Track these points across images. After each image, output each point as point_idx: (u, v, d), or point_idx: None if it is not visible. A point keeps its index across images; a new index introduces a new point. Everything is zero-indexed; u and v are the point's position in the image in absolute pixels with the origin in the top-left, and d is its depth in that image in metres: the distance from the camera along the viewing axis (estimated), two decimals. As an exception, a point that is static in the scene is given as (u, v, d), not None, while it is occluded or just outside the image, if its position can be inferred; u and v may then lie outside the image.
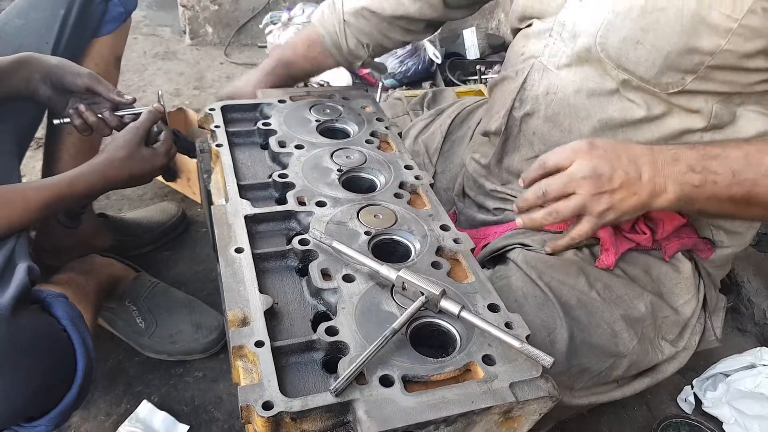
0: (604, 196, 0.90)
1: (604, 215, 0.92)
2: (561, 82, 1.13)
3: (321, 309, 0.82)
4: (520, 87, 1.21)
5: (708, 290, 1.21)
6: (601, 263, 1.10)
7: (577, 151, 0.91)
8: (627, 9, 0.99)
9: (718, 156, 0.88)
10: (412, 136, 1.52)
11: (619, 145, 0.92)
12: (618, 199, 0.90)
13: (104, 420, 1.34)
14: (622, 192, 0.90)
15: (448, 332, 0.79)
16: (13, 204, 1.05)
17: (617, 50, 1.02)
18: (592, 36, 1.05)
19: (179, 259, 1.76)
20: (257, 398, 0.66)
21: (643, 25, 0.98)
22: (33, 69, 1.19)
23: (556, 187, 0.93)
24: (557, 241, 1.03)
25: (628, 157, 0.90)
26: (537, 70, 1.18)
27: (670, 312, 1.13)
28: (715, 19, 0.92)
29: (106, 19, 1.39)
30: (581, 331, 1.05)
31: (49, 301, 1.07)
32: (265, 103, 1.23)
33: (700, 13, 0.93)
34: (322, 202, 0.97)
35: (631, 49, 1.00)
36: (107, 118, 1.25)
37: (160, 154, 1.22)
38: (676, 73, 0.99)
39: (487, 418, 0.70)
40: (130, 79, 2.65)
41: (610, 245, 1.09)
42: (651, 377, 1.16)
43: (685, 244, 1.15)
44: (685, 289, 1.15)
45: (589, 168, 0.89)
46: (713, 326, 1.21)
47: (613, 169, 0.89)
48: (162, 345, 1.45)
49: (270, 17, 2.89)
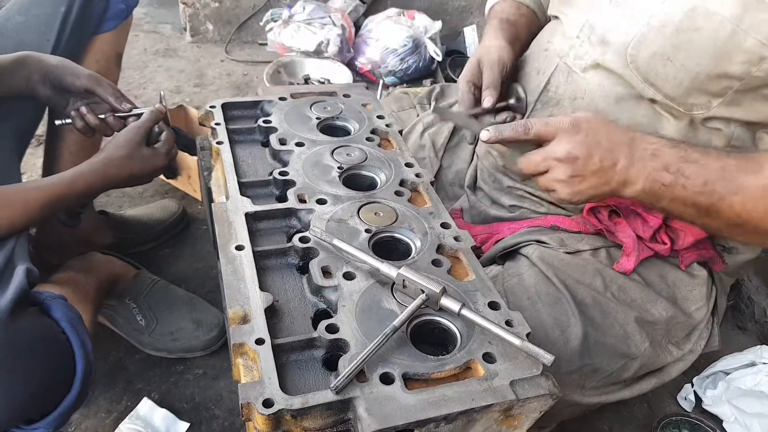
0: (575, 180, 0.91)
1: (572, 196, 0.93)
2: (588, 86, 1.10)
3: (321, 306, 0.82)
4: (543, 88, 1.17)
5: (719, 297, 1.20)
6: (620, 266, 1.10)
7: (560, 128, 0.91)
8: (662, 24, 0.96)
9: (696, 162, 0.88)
10: (419, 131, 1.50)
11: (601, 128, 0.91)
12: (588, 185, 0.91)
13: (104, 417, 1.34)
14: (593, 179, 0.90)
15: (449, 330, 0.79)
16: (14, 204, 1.05)
17: (646, 64, 0.99)
18: (623, 46, 1.01)
19: (180, 257, 1.76)
20: (258, 396, 0.66)
21: (675, 43, 0.95)
22: (32, 69, 1.19)
23: (533, 166, 0.94)
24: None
25: (606, 145, 0.89)
26: (561, 72, 1.14)
27: (683, 317, 1.13)
28: (750, 45, 0.89)
29: (108, 16, 1.38)
30: (595, 330, 1.04)
31: (47, 303, 1.07)
32: (266, 101, 1.23)
33: (735, 38, 0.90)
34: (322, 199, 0.97)
35: (660, 66, 0.98)
36: (110, 122, 1.25)
37: (160, 154, 1.22)
38: (703, 95, 0.97)
39: (488, 416, 0.70)
40: (130, 77, 2.65)
41: (632, 251, 1.08)
42: (657, 378, 1.16)
43: (702, 255, 1.15)
44: (698, 295, 1.14)
45: (566, 150, 0.89)
46: (719, 331, 1.21)
47: (588, 155, 0.89)
48: (162, 342, 1.45)
49: (271, 14, 2.89)
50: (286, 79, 2.67)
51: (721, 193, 0.85)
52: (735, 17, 0.89)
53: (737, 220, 0.87)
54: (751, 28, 0.88)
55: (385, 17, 2.84)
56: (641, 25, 0.99)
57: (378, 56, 2.73)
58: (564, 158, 0.90)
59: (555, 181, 0.93)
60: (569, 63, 1.13)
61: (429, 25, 2.85)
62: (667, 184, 0.88)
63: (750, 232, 0.89)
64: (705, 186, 0.86)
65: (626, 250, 1.09)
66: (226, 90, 2.66)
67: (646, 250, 1.11)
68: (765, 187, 0.83)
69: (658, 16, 0.96)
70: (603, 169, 0.89)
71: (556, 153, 0.90)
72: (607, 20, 1.05)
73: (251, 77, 2.78)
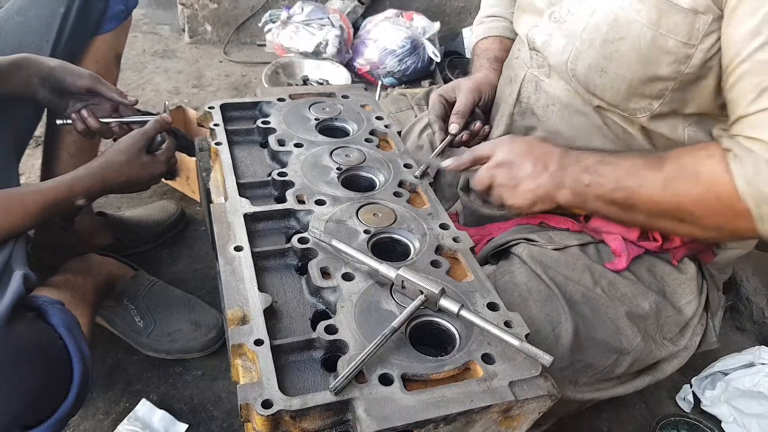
0: (513, 184, 1.01)
1: (515, 200, 1.02)
2: (556, 92, 1.15)
3: (320, 307, 0.82)
4: (516, 98, 1.23)
5: (711, 291, 1.21)
6: (612, 266, 1.11)
7: (498, 143, 1.04)
8: (591, 37, 1.01)
9: (611, 163, 0.96)
10: (417, 132, 1.51)
11: (535, 141, 1.03)
12: (525, 188, 1.00)
13: (103, 419, 1.34)
14: (528, 181, 0.99)
15: (448, 331, 0.79)
16: (13, 209, 1.05)
17: (584, 77, 1.05)
18: (563, 63, 1.08)
19: (178, 258, 1.76)
20: (257, 396, 0.66)
21: (605, 54, 1.00)
22: (32, 71, 1.19)
23: (481, 180, 1.05)
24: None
25: (538, 153, 1.00)
26: (529, 81, 1.20)
27: (673, 311, 1.13)
28: (672, 46, 0.94)
29: (107, 17, 1.38)
30: (586, 326, 1.05)
31: (44, 308, 1.07)
32: (265, 102, 1.23)
33: (657, 42, 0.94)
34: (321, 200, 0.97)
35: (596, 77, 1.03)
36: (114, 130, 1.25)
37: (160, 162, 1.22)
38: (642, 99, 1.02)
39: (487, 417, 0.70)
40: (129, 78, 2.65)
41: (622, 251, 1.11)
42: (652, 375, 1.16)
43: (691, 249, 1.16)
44: (688, 289, 1.15)
45: (502, 157, 1.01)
46: (714, 327, 1.21)
47: (521, 161, 1.00)
48: (161, 344, 1.45)
49: (269, 15, 2.89)
50: (284, 80, 2.67)
51: (632, 187, 0.93)
52: (652, 23, 0.94)
53: (655, 210, 0.94)
54: (669, 30, 0.93)
55: (383, 18, 2.84)
56: (575, 39, 1.04)
57: (376, 57, 2.73)
58: (500, 163, 1.01)
59: (500, 187, 1.02)
60: (534, 72, 1.19)
61: (427, 26, 2.85)
62: (587, 184, 0.97)
63: (675, 220, 0.94)
64: (618, 183, 0.94)
65: (616, 252, 1.11)
66: (224, 91, 2.66)
67: (636, 248, 1.12)
68: (665, 180, 0.91)
69: (588, 30, 1.02)
70: (536, 173, 0.99)
71: (495, 160, 1.02)
72: (546, 37, 1.12)
73: (250, 78, 2.78)
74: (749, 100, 0.85)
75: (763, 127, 0.83)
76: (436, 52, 2.79)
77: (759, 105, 0.84)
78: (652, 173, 0.92)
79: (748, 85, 0.85)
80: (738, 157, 0.85)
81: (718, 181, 0.86)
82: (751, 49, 0.84)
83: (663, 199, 0.92)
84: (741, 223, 0.87)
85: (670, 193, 0.90)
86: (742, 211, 0.85)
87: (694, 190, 0.89)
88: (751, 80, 0.85)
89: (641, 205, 0.94)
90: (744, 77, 0.86)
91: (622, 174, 0.94)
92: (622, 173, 0.94)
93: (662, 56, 0.95)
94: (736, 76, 0.87)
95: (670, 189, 0.90)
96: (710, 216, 0.89)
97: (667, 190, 0.91)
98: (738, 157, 0.85)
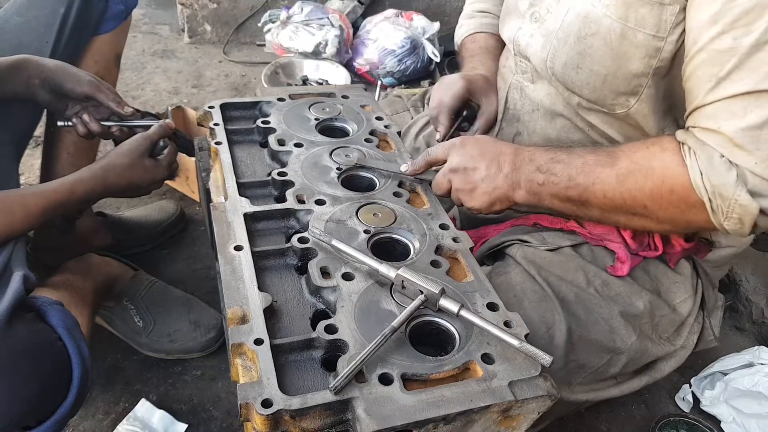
0: (469, 188, 1.01)
1: (474, 202, 1.03)
2: (539, 97, 1.16)
3: (320, 307, 0.82)
4: (504, 106, 1.24)
5: (706, 290, 1.21)
6: (614, 270, 1.11)
7: (451, 147, 1.03)
8: (566, 35, 1.02)
9: (562, 161, 0.97)
10: (413, 134, 1.51)
11: (487, 143, 1.03)
12: (482, 191, 1.01)
13: (102, 419, 1.34)
14: (484, 185, 1.00)
15: (447, 331, 0.79)
16: (14, 210, 1.05)
17: (562, 74, 1.06)
18: (543, 61, 1.08)
19: (177, 258, 1.76)
20: (256, 396, 0.66)
21: (579, 51, 1.01)
22: (32, 73, 1.19)
23: (439, 185, 1.04)
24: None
25: (492, 155, 1.00)
26: (515, 88, 1.21)
27: (668, 310, 1.13)
28: (641, 39, 0.94)
29: (107, 17, 1.38)
30: (579, 326, 1.05)
31: (44, 309, 1.07)
32: (265, 101, 1.23)
33: (627, 36, 0.94)
34: (321, 200, 0.97)
35: (573, 74, 1.04)
36: (116, 134, 1.25)
37: (162, 166, 1.22)
38: (619, 96, 1.02)
39: (486, 417, 0.70)
40: (128, 78, 2.65)
41: (626, 259, 1.11)
42: (649, 375, 1.16)
43: (688, 252, 1.16)
44: (682, 288, 1.15)
45: (455, 162, 1.01)
46: (711, 325, 1.21)
47: (474, 165, 1.00)
48: (160, 344, 1.45)
49: (269, 15, 2.89)
50: (284, 80, 2.67)
51: (584, 184, 0.94)
52: (621, 17, 0.94)
53: (609, 205, 0.94)
54: (638, 23, 0.93)
55: (383, 18, 2.84)
56: (552, 38, 1.05)
57: (376, 57, 2.73)
58: (455, 168, 1.01)
59: (458, 191, 1.03)
60: (519, 79, 1.20)
61: (427, 26, 2.85)
62: (541, 183, 0.98)
63: (629, 214, 0.95)
64: (570, 180, 0.95)
65: (620, 258, 1.11)
66: (224, 91, 2.66)
67: (636, 258, 1.13)
68: (618, 176, 0.91)
69: (563, 28, 1.03)
70: (490, 176, 1.00)
71: (450, 165, 1.02)
72: (528, 38, 1.12)
73: (249, 78, 2.78)
74: (706, 90, 0.85)
75: (718, 117, 0.83)
76: (435, 52, 2.79)
77: (715, 95, 0.83)
78: (606, 170, 0.93)
79: (704, 75, 0.85)
80: (692, 150, 0.86)
81: (672, 175, 0.87)
82: (708, 37, 0.83)
83: (617, 195, 0.92)
84: (695, 215, 0.88)
85: (625, 188, 0.91)
86: (696, 203, 0.86)
87: (648, 184, 0.89)
88: (707, 70, 0.84)
89: (595, 201, 0.95)
90: (701, 66, 0.85)
91: (574, 171, 0.95)
92: (574, 171, 0.95)
93: (633, 50, 0.95)
94: (694, 66, 0.87)
95: (624, 184, 0.91)
96: (664, 209, 0.90)
97: (621, 185, 0.91)
98: (692, 150, 0.85)
